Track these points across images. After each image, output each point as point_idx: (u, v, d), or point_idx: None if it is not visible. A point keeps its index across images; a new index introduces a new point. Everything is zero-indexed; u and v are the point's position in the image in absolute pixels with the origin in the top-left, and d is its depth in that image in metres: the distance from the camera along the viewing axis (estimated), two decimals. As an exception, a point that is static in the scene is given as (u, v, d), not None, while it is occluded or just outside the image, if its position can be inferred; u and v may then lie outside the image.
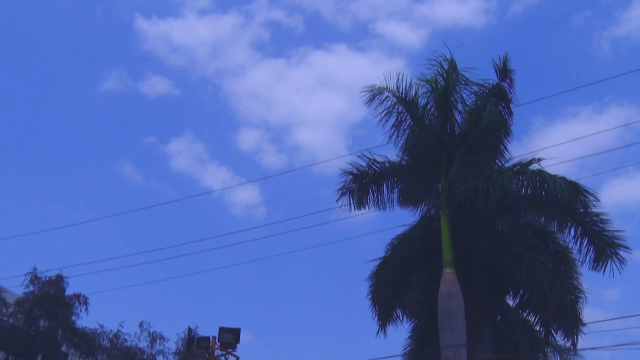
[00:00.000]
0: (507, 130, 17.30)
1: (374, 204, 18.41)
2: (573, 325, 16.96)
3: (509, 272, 16.95)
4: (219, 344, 17.38)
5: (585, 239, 15.66)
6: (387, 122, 17.30)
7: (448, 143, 16.65)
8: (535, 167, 15.69)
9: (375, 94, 17.20)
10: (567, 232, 15.95)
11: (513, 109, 17.56)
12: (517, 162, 16.20)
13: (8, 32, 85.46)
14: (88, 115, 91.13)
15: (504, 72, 17.29)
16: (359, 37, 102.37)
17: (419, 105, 17.04)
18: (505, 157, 17.60)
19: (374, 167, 18.12)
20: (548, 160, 15.86)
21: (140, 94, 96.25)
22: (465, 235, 16.50)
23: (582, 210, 15.30)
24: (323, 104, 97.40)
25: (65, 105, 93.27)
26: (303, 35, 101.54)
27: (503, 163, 17.47)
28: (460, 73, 17.00)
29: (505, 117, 17.48)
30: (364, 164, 18.13)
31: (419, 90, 16.97)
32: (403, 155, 17.69)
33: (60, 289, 32.15)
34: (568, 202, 14.87)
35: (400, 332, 19.40)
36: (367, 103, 17.35)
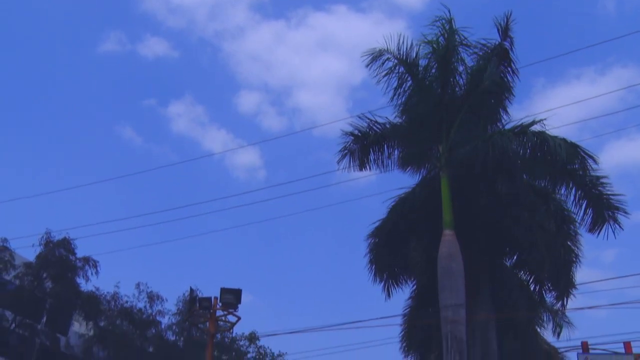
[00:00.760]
0: (509, 91, 17.16)
1: (375, 166, 18.40)
2: (565, 287, 17.22)
3: (508, 233, 17.08)
4: (221, 305, 17.60)
5: (584, 202, 15.75)
6: (388, 84, 17.16)
7: (449, 105, 16.55)
8: (536, 128, 15.67)
9: (376, 56, 17.00)
10: (566, 194, 16.04)
11: (515, 70, 17.40)
12: (518, 124, 16.17)
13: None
14: (87, 78, 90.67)
15: (506, 31, 17.04)
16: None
17: (420, 67, 16.87)
18: (506, 119, 17.52)
19: (375, 128, 18.05)
20: (549, 123, 15.83)
21: (139, 56, 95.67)
22: (465, 197, 16.57)
23: (581, 173, 15.31)
24: (323, 66, 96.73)
25: (64, 68, 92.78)
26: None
27: (504, 125, 17.41)
28: (462, 34, 16.79)
29: (507, 78, 17.31)
30: (365, 126, 18.07)
31: (420, 52, 16.78)
32: (404, 117, 17.59)
33: (69, 252, 32.49)
34: (567, 162, 14.89)
35: (401, 294, 19.65)
36: (368, 65, 17.19)
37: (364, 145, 18.19)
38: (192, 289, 20.72)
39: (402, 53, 16.82)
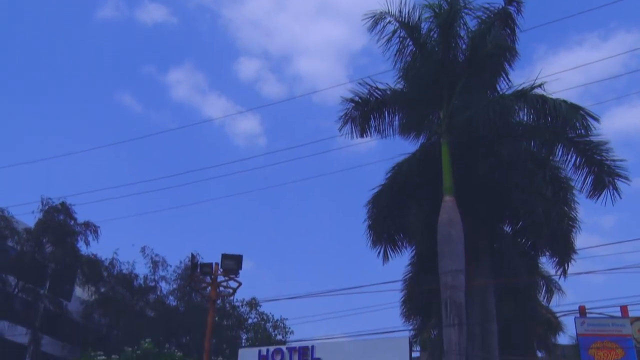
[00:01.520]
0: (512, 54, 16.84)
1: (376, 132, 18.31)
2: (565, 253, 17.30)
3: (507, 200, 17.09)
4: (222, 270, 17.68)
5: (584, 168, 15.69)
6: (389, 49, 16.95)
7: (450, 70, 16.39)
8: (538, 91, 15.53)
9: (378, 19, 16.77)
10: (566, 160, 15.97)
11: (518, 33, 17.16)
12: (518, 89, 16.00)
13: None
14: (86, 44, 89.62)
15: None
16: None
17: (422, 31, 16.66)
18: (508, 84, 17.33)
19: (376, 94, 17.90)
20: (550, 88, 15.65)
21: (137, 22, 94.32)
22: (465, 164, 16.52)
23: (582, 132, 15.18)
24: (324, 33, 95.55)
25: (63, 34, 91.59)
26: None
27: (505, 91, 17.24)
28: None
29: (511, 43, 17.07)
30: (366, 92, 17.91)
31: (422, 16, 16.54)
32: (405, 83, 17.42)
33: (68, 216, 32.63)
34: (568, 121, 14.79)
35: (401, 260, 19.76)
36: (369, 29, 16.96)
37: (365, 112, 18.07)
38: (193, 255, 20.81)
39: (403, 16, 16.61)
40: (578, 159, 15.72)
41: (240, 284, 18.00)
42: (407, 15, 16.58)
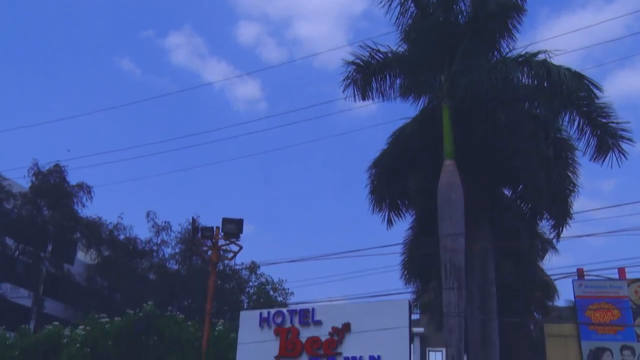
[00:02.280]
0: (519, 11, 16.43)
1: (378, 95, 18.14)
2: (561, 217, 17.34)
3: (508, 163, 17.06)
4: (223, 234, 17.76)
5: (588, 130, 15.57)
6: (389, 11, 16.66)
7: (452, 32, 16.16)
8: (541, 57, 15.33)
9: (379, -21, 16.44)
10: (570, 123, 15.86)
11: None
12: (522, 53, 15.79)
13: None
14: (83, 9, 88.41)
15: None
16: None
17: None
18: (510, 47, 17.07)
19: (377, 57, 17.68)
20: (552, 51, 15.42)
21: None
22: (466, 128, 16.44)
23: (586, 102, 15.09)
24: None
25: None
26: None
27: (507, 54, 17.01)
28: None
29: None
30: (367, 55, 17.68)
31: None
32: (406, 46, 17.20)
33: (62, 179, 32.62)
34: (572, 90, 14.66)
35: (401, 224, 19.83)
36: (370, -13, 16.62)
37: (367, 74, 17.87)
38: (194, 219, 20.90)
39: (405, -24, 16.26)
40: (581, 121, 15.60)
41: (241, 248, 18.13)
42: (409, -26, 16.26)
